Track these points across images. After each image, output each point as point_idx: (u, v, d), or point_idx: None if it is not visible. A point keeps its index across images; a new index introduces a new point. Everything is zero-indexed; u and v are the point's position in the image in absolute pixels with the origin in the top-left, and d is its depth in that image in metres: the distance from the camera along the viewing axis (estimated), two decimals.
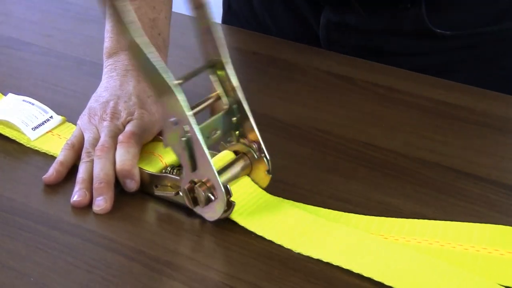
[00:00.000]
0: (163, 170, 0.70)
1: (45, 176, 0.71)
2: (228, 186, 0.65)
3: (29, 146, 0.77)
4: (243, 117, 0.68)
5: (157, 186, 0.69)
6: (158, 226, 0.67)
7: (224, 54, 0.67)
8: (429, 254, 0.62)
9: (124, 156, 0.69)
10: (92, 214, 0.67)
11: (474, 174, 0.73)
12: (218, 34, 0.67)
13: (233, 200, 0.65)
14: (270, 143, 0.68)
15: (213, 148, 0.67)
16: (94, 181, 0.69)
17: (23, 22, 1.05)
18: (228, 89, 0.68)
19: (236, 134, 0.69)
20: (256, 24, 1.05)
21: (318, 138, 0.79)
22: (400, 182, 0.72)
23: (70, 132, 0.77)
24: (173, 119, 0.64)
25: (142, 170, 0.70)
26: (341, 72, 0.92)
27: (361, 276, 0.60)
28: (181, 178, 0.67)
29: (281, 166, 0.70)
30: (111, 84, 0.77)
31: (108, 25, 0.82)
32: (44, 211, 0.68)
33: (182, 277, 0.61)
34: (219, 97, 0.68)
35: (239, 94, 0.68)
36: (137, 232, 0.66)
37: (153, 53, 0.63)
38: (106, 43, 0.81)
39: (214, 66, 0.68)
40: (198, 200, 0.65)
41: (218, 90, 0.68)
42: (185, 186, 0.66)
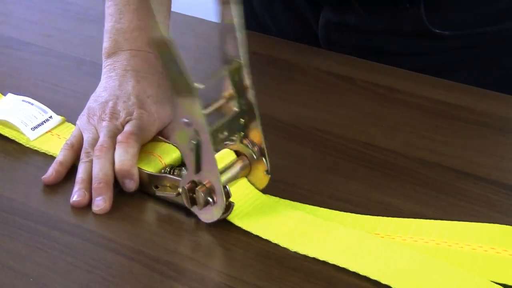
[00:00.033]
0: (162, 170, 0.70)
1: (44, 176, 0.71)
2: (229, 192, 0.64)
3: (28, 146, 0.76)
4: (251, 119, 0.68)
5: (157, 187, 0.69)
6: (158, 226, 0.67)
7: (243, 55, 0.66)
8: (426, 253, 0.62)
9: (123, 156, 0.69)
10: (91, 214, 0.67)
11: (474, 174, 0.73)
12: (240, 34, 0.66)
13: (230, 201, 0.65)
14: (270, 143, 0.68)
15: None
16: (93, 181, 0.69)
17: (23, 22, 1.05)
18: (240, 90, 0.67)
19: (241, 135, 0.68)
20: (256, 24, 1.05)
21: (318, 138, 0.79)
22: (400, 182, 0.72)
23: (69, 132, 0.77)
24: (186, 120, 0.64)
25: (141, 170, 0.70)
26: (341, 72, 0.92)
27: (361, 276, 0.60)
28: (181, 177, 0.67)
29: (281, 166, 0.70)
30: (110, 84, 0.77)
31: (107, 25, 0.82)
32: (44, 211, 0.68)
33: (182, 277, 0.61)
34: (231, 97, 0.67)
35: (252, 97, 0.67)
36: (136, 232, 0.66)
37: (180, 53, 0.63)
38: (105, 43, 0.81)
39: (230, 65, 0.67)
40: (196, 201, 0.65)
41: (230, 91, 0.67)
42: (185, 185, 0.66)
